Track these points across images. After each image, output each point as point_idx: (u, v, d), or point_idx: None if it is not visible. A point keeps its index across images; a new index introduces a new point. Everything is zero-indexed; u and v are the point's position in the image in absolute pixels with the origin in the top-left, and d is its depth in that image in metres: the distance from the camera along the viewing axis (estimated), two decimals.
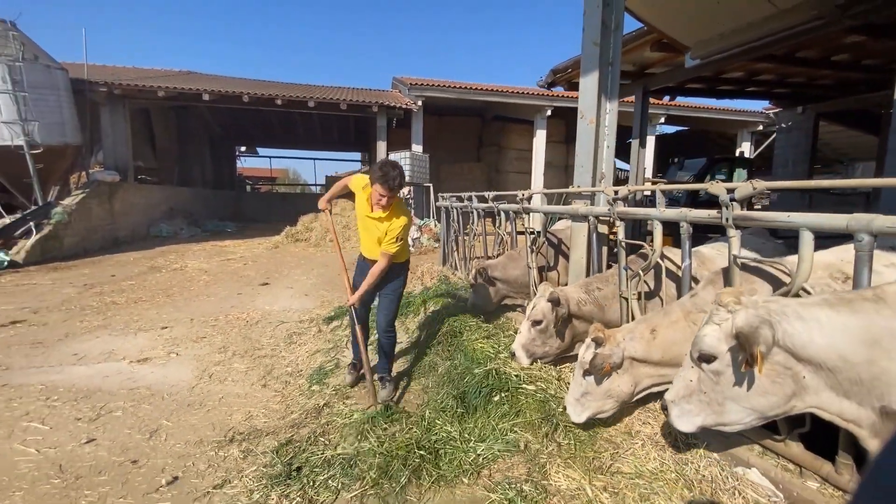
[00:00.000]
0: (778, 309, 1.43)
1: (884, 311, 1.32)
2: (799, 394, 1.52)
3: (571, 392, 2.23)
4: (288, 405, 3.13)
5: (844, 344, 1.34)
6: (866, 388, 1.35)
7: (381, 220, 2.89)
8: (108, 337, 4.64)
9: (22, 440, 2.69)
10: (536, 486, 1.89)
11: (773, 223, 1.69)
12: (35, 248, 8.97)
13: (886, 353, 1.29)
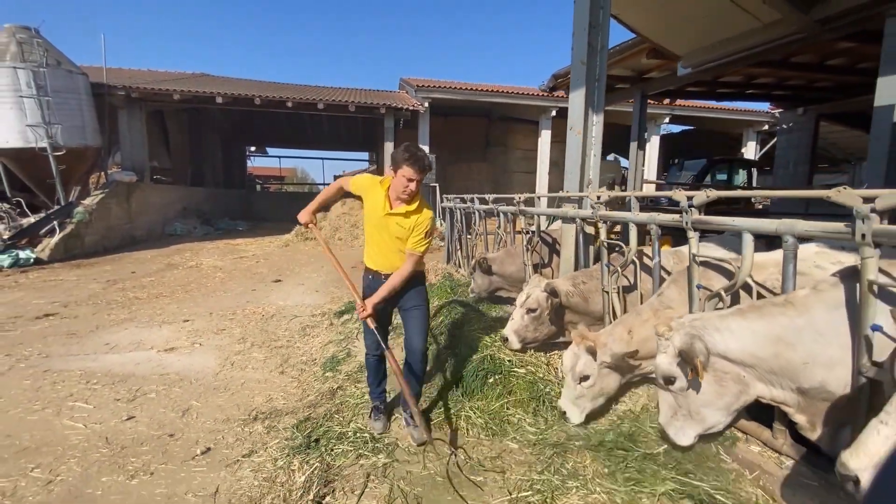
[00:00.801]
0: (701, 325, 1.71)
1: (789, 312, 1.61)
2: (745, 388, 1.78)
3: (566, 396, 2.41)
4: (304, 389, 3.43)
5: (753, 345, 1.64)
6: (781, 375, 1.64)
7: (407, 214, 2.48)
8: (135, 329, 4.99)
9: (70, 417, 3.02)
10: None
11: (723, 226, 1.95)
12: (58, 245, 9.38)
13: (790, 347, 1.58)
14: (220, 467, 2.47)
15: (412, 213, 2.50)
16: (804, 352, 1.59)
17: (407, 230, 2.50)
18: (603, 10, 2.95)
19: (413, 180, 2.40)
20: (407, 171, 2.38)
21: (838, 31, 3.73)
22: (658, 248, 2.41)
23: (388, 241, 2.56)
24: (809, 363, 1.58)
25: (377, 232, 2.61)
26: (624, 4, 4.30)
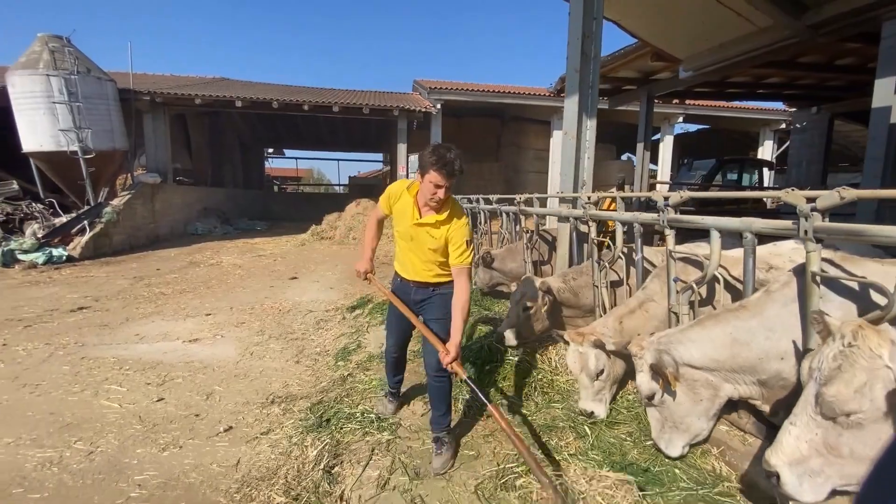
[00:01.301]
0: (666, 340, 1.89)
1: (742, 315, 1.80)
2: (716, 391, 1.95)
3: (586, 396, 2.45)
4: (318, 377, 3.68)
5: (713, 350, 1.82)
6: (742, 373, 1.81)
7: (438, 224, 2.24)
8: (161, 321, 5.32)
9: (106, 397, 3.32)
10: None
11: (695, 225, 2.12)
12: (89, 244, 9.88)
13: (745, 346, 1.76)
14: (241, 443, 2.73)
15: (443, 224, 2.24)
16: (758, 348, 1.76)
17: (440, 241, 2.25)
18: (596, 21, 3.13)
19: (441, 187, 2.14)
20: (434, 176, 2.12)
21: (830, 36, 3.82)
22: (640, 245, 2.59)
23: (419, 251, 2.33)
24: (764, 358, 1.75)
25: (406, 241, 2.37)
26: (624, 11, 4.45)
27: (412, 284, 2.42)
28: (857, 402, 1.23)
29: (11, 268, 8.51)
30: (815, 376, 1.32)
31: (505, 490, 1.94)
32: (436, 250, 2.29)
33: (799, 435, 1.32)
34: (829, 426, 1.29)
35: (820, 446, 1.30)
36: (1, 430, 2.86)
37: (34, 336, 4.71)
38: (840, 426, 1.27)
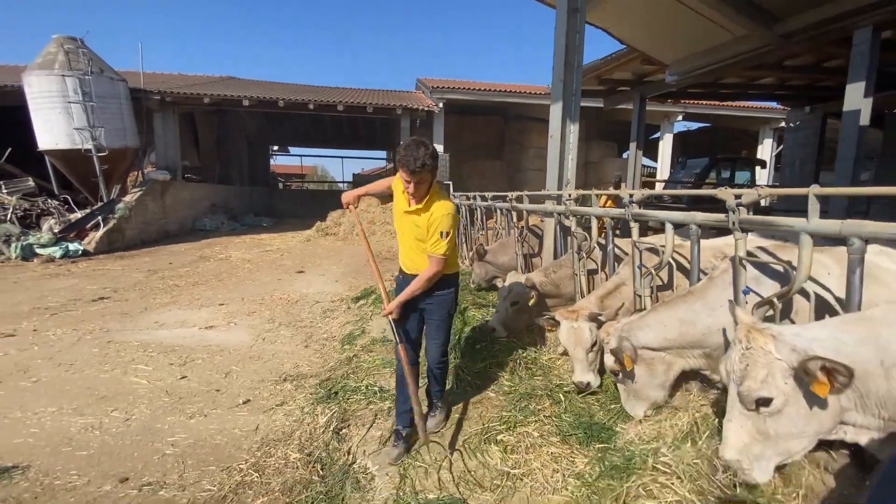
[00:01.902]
0: (627, 328, 2.20)
1: (689, 299, 2.12)
2: (669, 367, 2.27)
3: (581, 369, 2.66)
4: (325, 359, 4.02)
5: (666, 332, 2.14)
6: (691, 347, 2.13)
7: (418, 212, 2.35)
8: (178, 310, 5.67)
9: (135, 375, 3.66)
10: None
11: (654, 217, 2.42)
12: (103, 239, 10.26)
13: (692, 325, 2.09)
14: (259, 413, 3.07)
15: (423, 212, 2.34)
16: (702, 325, 2.08)
17: (423, 229, 2.35)
18: (578, 35, 3.42)
19: (409, 182, 2.23)
20: (401, 172, 2.24)
21: (801, 44, 4.09)
22: (612, 237, 2.90)
23: (410, 240, 2.45)
24: (707, 333, 2.06)
25: (400, 230, 2.53)
26: (612, 19, 4.74)
27: (409, 276, 2.49)
28: (766, 391, 1.49)
29: (30, 261, 8.90)
30: (732, 377, 1.57)
31: (487, 444, 2.26)
32: (420, 239, 2.38)
33: (736, 429, 1.57)
34: (755, 416, 1.53)
35: (754, 434, 1.55)
36: (44, 401, 3.21)
37: (62, 323, 5.06)
38: (762, 415, 1.52)
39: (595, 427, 2.24)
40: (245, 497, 2.18)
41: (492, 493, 1.91)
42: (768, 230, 1.95)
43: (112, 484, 2.30)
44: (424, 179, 2.25)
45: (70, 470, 2.42)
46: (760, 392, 1.51)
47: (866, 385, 1.47)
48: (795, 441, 1.56)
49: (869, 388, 1.47)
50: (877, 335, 1.48)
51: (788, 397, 1.51)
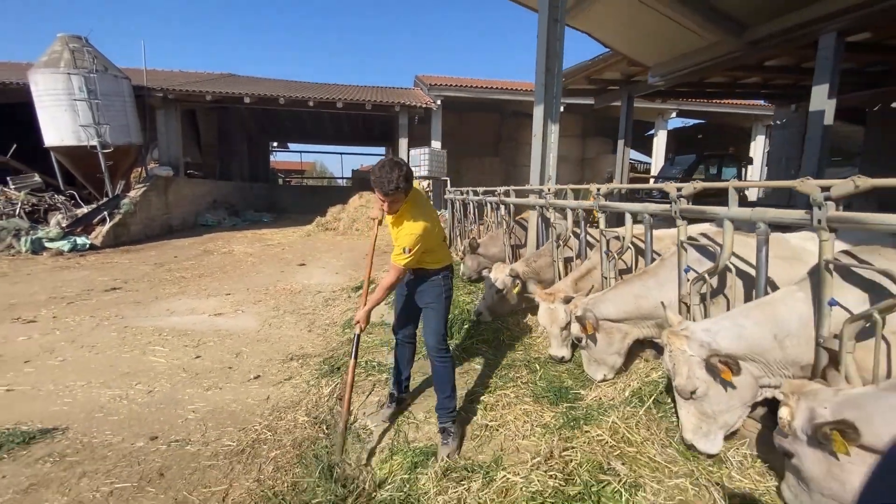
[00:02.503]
0: (593, 301, 2.55)
1: (643, 277, 2.47)
2: (625, 335, 2.61)
3: (556, 345, 3.02)
4: (328, 341, 4.35)
5: (623, 304, 2.49)
6: (644, 318, 2.47)
7: (393, 224, 2.51)
8: (187, 299, 5.99)
9: (153, 355, 3.99)
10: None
11: (617, 209, 2.74)
12: (109, 233, 10.56)
13: (645, 298, 2.45)
14: (269, 386, 3.40)
15: (395, 225, 2.50)
16: (654, 298, 2.42)
17: (394, 239, 2.50)
18: (559, 42, 3.72)
19: (383, 201, 2.36)
20: (376, 191, 2.35)
21: (768, 50, 4.40)
22: (585, 227, 3.23)
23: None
24: (658, 306, 2.39)
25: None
26: (594, 24, 5.04)
27: (409, 273, 2.62)
28: (691, 384, 1.83)
29: (40, 255, 9.20)
30: (669, 374, 1.94)
31: (470, 404, 2.60)
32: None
33: (685, 415, 1.93)
34: (693, 402, 1.88)
35: (698, 416, 1.90)
36: (73, 377, 3.54)
37: (79, 311, 5.38)
38: (698, 400, 1.87)
39: (563, 390, 2.59)
40: (261, 450, 2.51)
41: (472, 441, 2.24)
42: (702, 217, 2.22)
43: (144, 441, 2.63)
44: (398, 199, 2.37)
45: (105, 431, 2.75)
46: (687, 386, 1.85)
47: (766, 357, 1.81)
48: (729, 414, 1.91)
49: (769, 358, 1.81)
50: (773, 314, 1.82)
51: (709, 383, 1.85)
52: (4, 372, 3.58)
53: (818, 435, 1.34)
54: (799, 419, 1.42)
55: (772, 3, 4.11)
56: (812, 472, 1.40)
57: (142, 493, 2.18)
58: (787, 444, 1.45)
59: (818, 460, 1.39)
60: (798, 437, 1.43)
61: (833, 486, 1.37)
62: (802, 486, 1.44)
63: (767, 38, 4.39)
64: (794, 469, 1.47)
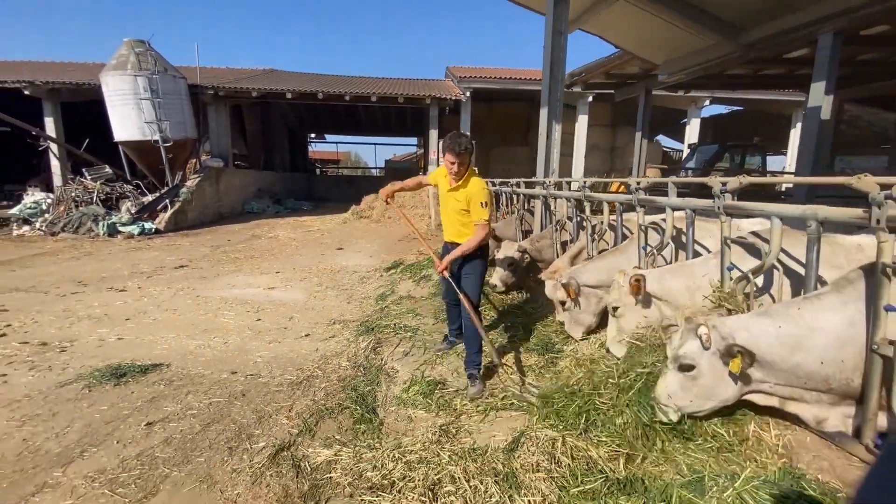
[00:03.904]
0: (574, 271, 3.13)
1: (616, 253, 3.05)
2: (600, 300, 3.19)
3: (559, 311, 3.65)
4: (364, 310, 5.12)
5: (598, 274, 3.07)
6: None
7: (458, 188, 2.96)
8: (243, 276, 6.93)
9: (223, 317, 4.87)
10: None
11: (598, 198, 3.30)
12: (170, 219, 11.81)
13: (615, 270, 2.97)
14: (317, 342, 4.19)
15: (461, 188, 2.96)
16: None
17: (464, 202, 2.95)
18: (562, 52, 4.23)
19: (453, 162, 2.88)
20: (447, 155, 2.89)
21: (762, 51, 4.72)
22: (576, 213, 3.81)
23: (453, 214, 3.08)
24: None
25: (443, 207, 3.19)
26: (604, 27, 5.46)
27: (449, 245, 3.15)
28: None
29: (115, 237, 10.50)
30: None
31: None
32: (461, 210, 3.00)
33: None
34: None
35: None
36: (164, 331, 4.44)
37: (157, 283, 6.40)
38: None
39: (550, 345, 3.22)
40: (314, 383, 3.29)
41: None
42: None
43: (227, 374, 3.46)
44: (464, 161, 2.91)
45: (197, 367, 3.60)
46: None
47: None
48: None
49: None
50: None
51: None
52: (113, 326, 4.54)
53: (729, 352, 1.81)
54: (714, 336, 1.88)
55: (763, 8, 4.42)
56: (706, 379, 1.91)
57: (231, 405, 2.99)
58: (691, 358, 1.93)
59: (713, 370, 1.91)
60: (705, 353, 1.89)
61: (718, 387, 1.91)
62: (685, 389, 1.97)
63: (764, 39, 4.70)
64: (686, 378, 1.95)
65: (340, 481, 2.14)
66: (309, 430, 2.63)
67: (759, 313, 1.93)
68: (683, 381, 1.93)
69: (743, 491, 1.45)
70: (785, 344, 1.76)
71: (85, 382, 3.25)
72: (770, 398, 1.88)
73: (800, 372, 1.76)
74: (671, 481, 1.65)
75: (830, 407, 1.78)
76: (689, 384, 1.92)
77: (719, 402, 1.92)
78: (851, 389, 1.71)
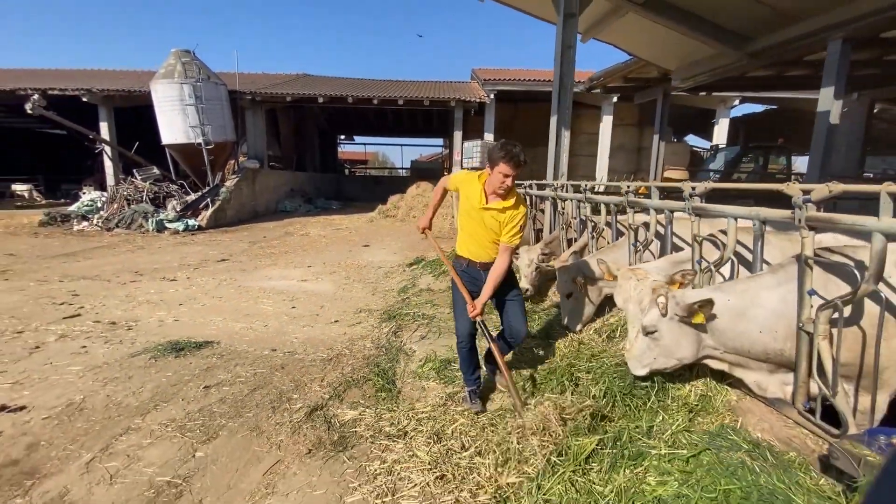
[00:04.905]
0: (579, 264, 3.46)
1: (606, 249, 3.36)
2: (601, 292, 3.53)
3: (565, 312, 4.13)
4: (387, 300, 5.59)
5: (597, 268, 3.36)
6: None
7: (504, 209, 2.55)
8: (279, 269, 7.53)
9: (263, 304, 5.44)
10: None
11: (596, 201, 3.62)
12: (211, 217, 12.66)
13: (614, 264, 3.30)
14: (346, 326, 4.68)
15: (508, 209, 2.55)
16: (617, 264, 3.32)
17: (501, 224, 2.56)
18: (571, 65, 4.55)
19: (509, 176, 2.46)
20: (503, 167, 2.43)
21: (765, 60, 4.90)
22: (580, 213, 4.15)
23: (483, 232, 2.63)
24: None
25: (471, 223, 2.67)
26: (617, 37, 5.73)
27: (479, 267, 2.71)
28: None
29: (162, 233, 11.39)
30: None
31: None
32: (494, 231, 2.60)
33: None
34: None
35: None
36: (213, 315, 5.02)
37: (203, 274, 7.06)
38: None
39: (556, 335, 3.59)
40: (342, 360, 3.76)
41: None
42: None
43: (268, 351, 3.98)
44: (518, 175, 2.53)
45: (242, 344, 4.14)
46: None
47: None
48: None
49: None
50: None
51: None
52: (169, 310, 5.16)
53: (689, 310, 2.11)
54: (670, 305, 2.18)
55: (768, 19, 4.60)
56: (667, 340, 2.21)
57: (272, 375, 3.49)
58: (653, 325, 2.23)
59: (673, 331, 2.20)
60: (664, 319, 2.19)
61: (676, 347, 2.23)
62: (650, 349, 2.24)
63: (763, 50, 4.88)
64: (651, 340, 2.25)
65: (363, 433, 2.59)
66: (338, 396, 3.09)
67: (712, 288, 2.28)
68: (649, 342, 2.27)
69: (678, 433, 1.80)
70: (732, 313, 2.10)
71: (151, 354, 3.82)
72: (721, 363, 2.22)
73: (744, 340, 2.09)
74: (626, 426, 2.02)
75: (770, 374, 2.10)
76: (653, 345, 2.26)
77: (678, 360, 2.24)
78: (785, 359, 2.02)
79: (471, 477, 1.94)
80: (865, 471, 1.40)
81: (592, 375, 2.52)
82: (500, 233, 2.60)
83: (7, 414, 2.90)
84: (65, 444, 2.58)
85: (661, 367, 2.28)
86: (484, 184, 2.61)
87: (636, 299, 2.33)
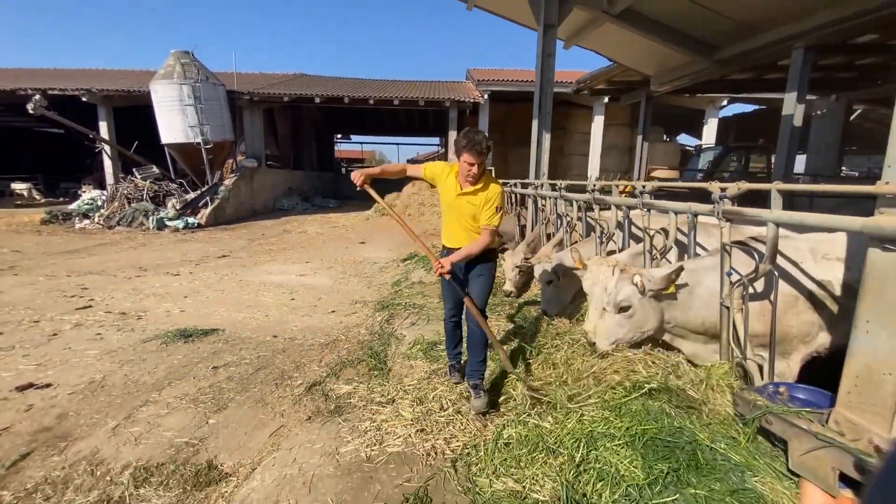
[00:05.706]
0: (559, 256, 3.81)
1: (585, 244, 3.67)
2: (576, 281, 3.88)
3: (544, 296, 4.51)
4: (381, 293, 5.92)
5: (570, 261, 3.71)
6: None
7: (476, 192, 2.64)
8: (277, 265, 7.85)
9: (263, 296, 5.76)
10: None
11: (570, 198, 3.97)
12: (211, 215, 12.95)
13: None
14: (341, 316, 5.01)
15: (480, 191, 2.64)
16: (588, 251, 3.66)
17: (478, 207, 2.63)
18: (550, 72, 4.89)
19: (473, 164, 2.52)
20: (467, 156, 2.51)
21: (734, 67, 5.25)
22: (555, 211, 4.50)
23: (462, 219, 2.73)
24: None
25: (451, 212, 2.77)
26: (597, 45, 6.07)
27: (451, 251, 2.76)
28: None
29: (163, 231, 11.67)
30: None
31: None
32: (473, 216, 2.69)
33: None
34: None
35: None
36: (216, 306, 5.35)
37: (204, 269, 7.37)
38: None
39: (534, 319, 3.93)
40: (339, 344, 4.09)
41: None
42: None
43: (269, 337, 4.31)
44: (484, 161, 2.59)
45: (245, 332, 4.47)
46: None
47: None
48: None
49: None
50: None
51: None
52: (175, 301, 5.48)
53: (668, 280, 2.43)
54: (646, 281, 2.50)
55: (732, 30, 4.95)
56: (640, 314, 2.51)
57: (274, 357, 3.82)
58: (629, 301, 2.53)
59: (645, 306, 2.52)
60: (639, 295, 2.51)
61: (646, 320, 2.55)
62: (621, 325, 2.54)
63: (731, 58, 5.23)
64: (624, 316, 2.55)
65: (356, 403, 2.93)
66: (334, 374, 3.43)
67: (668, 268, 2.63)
68: (620, 319, 2.57)
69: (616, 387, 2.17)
70: (685, 291, 2.46)
71: (161, 340, 4.15)
72: (668, 335, 2.57)
73: (691, 313, 2.44)
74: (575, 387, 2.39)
75: (703, 345, 2.46)
76: (624, 321, 2.56)
77: (645, 332, 2.56)
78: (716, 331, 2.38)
79: (447, 429, 2.29)
80: (754, 411, 1.76)
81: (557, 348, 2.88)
82: (476, 216, 2.69)
83: (35, 391, 3.22)
84: (91, 413, 2.91)
85: (628, 340, 2.59)
86: (456, 174, 2.73)
87: (602, 283, 2.67)
